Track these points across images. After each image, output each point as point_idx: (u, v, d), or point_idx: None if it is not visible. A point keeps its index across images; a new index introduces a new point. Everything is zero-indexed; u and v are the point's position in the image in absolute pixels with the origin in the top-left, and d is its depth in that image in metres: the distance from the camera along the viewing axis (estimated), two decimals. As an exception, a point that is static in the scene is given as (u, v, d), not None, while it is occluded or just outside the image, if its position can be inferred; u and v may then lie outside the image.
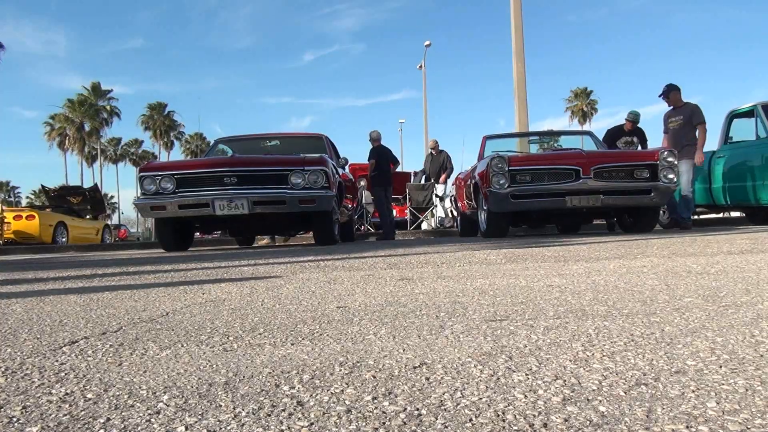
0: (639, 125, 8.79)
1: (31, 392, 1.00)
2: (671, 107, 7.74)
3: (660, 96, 7.77)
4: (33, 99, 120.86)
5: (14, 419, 0.86)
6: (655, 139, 8.29)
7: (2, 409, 0.91)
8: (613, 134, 8.63)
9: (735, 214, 11.28)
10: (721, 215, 11.39)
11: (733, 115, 8.44)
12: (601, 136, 8.65)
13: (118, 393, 0.98)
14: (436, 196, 12.82)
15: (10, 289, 2.81)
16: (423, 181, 13.22)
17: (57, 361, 1.23)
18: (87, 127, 60.92)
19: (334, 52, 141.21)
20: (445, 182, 12.53)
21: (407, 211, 13.22)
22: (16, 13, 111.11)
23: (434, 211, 13.31)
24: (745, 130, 8.18)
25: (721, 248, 3.64)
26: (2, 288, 2.91)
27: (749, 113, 8.06)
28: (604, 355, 1.10)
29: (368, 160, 10.05)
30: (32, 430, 0.81)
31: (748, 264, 2.63)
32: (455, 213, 11.23)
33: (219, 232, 10.11)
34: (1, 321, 1.82)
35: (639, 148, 8.36)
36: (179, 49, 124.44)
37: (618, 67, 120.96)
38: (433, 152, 12.61)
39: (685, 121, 7.53)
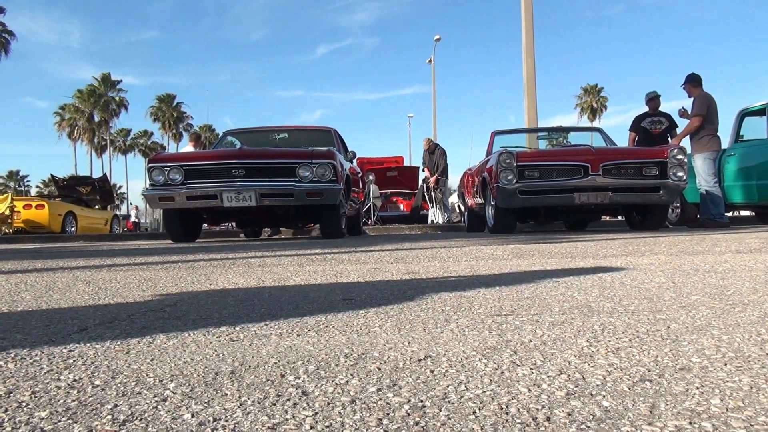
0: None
1: (40, 378, 1.01)
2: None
3: (681, 86, 7.62)
4: (46, 89, 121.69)
5: (23, 404, 0.87)
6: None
7: (12, 394, 0.92)
8: (639, 118, 8.41)
9: (745, 213, 11.19)
10: (731, 214, 11.30)
11: (745, 114, 8.35)
12: (610, 133, 8.56)
13: (125, 380, 0.99)
14: (436, 191, 12.52)
15: (20, 278, 2.84)
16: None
17: (65, 348, 1.25)
18: (96, 118, 61.22)
19: (347, 46, 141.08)
20: (436, 181, 12.29)
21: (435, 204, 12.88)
22: (31, 4, 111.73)
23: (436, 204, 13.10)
24: (756, 129, 8.10)
25: (730, 247, 3.62)
26: (12, 276, 2.94)
27: (761, 112, 7.97)
28: (608, 351, 1.10)
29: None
30: (41, 414, 0.83)
31: (756, 263, 2.61)
32: (462, 208, 11.18)
33: (226, 224, 10.13)
34: (11, 308, 1.84)
35: (667, 127, 8.18)
36: (192, 41, 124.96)
37: (630, 63, 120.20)
38: (428, 151, 12.41)
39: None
